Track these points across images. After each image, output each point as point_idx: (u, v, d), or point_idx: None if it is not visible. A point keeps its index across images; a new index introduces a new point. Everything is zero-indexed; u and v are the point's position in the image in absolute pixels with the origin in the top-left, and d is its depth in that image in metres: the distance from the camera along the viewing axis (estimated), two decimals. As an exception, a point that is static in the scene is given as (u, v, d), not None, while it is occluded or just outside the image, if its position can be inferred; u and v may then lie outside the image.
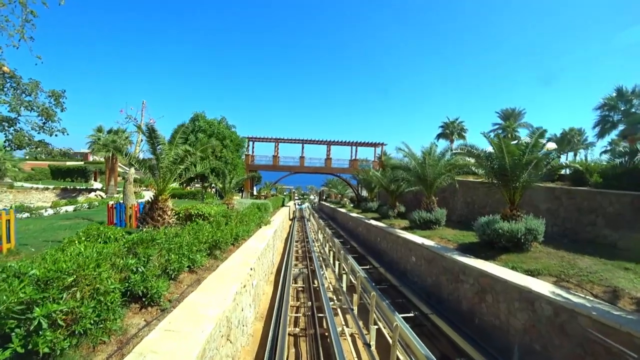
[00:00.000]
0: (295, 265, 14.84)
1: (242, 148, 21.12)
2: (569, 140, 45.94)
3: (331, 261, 14.20)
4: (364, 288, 10.09)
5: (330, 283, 12.14)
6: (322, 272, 12.73)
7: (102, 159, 41.34)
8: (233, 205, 13.92)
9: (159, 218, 7.67)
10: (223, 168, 16.09)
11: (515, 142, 15.12)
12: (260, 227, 14.10)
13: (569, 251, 9.51)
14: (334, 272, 12.95)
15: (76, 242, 5.41)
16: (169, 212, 7.93)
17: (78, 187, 43.86)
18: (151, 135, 7.86)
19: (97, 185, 48.93)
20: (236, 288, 5.89)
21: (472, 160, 15.16)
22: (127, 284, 4.16)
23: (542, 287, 6.70)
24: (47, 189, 40.22)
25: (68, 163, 58.45)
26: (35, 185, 41.92)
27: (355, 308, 8.96)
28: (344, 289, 10.38)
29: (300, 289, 11.73)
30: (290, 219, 35.68)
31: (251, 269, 7.56)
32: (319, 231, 22.59)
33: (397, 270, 13.32)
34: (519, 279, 7.22)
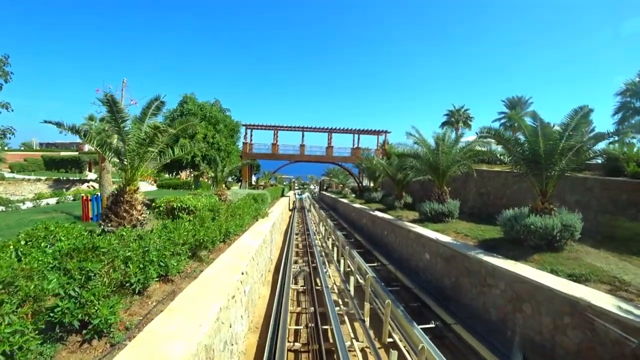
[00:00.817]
0: (296, 261, 13.61)
1: (237, 134, 19.77)
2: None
3: (335, 257, 12.96)
4: (374, 291, 8.86)
5: (335, 283, 10.92)
6: (324, 270, 11.51)
7: (93, 149, 39.84)
8: (226, 197, 12.64)
9: (124, 214, 6.30)
10: (215, 155, 14.72)
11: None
12: (257, 220, 12.83)
13: (611, 251, 8.25)
14: (338, 269, 11.72)
15: (11, 247, 4.12)
16: (138, 207, 6.58)
17: (71, 178, 42.53)
18: (112, 108, 6.46)
19: (92, 175, 47.64)
20: (221, 303, 4.62)
21: (494, 147, 13.78)
22: (50, 315, 2.86)
23: (600, 298, 5.43)
24: (39, 180, 38.90)
25: (62, 153, 57.11)
26: (27, 177, 40.61)
27: (367, 319, 7.72)
28: (351, 291, 9.13)
29: (301, 290, 10.50)
30: (290, 210, 34.46)
31: (243, 274, 6.29)
32: (321, 223, 21.35)
33: (407, 268, 12.10)
34: (565, 287, 5.95)
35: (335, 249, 14.16)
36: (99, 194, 10.81)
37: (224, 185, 13.20)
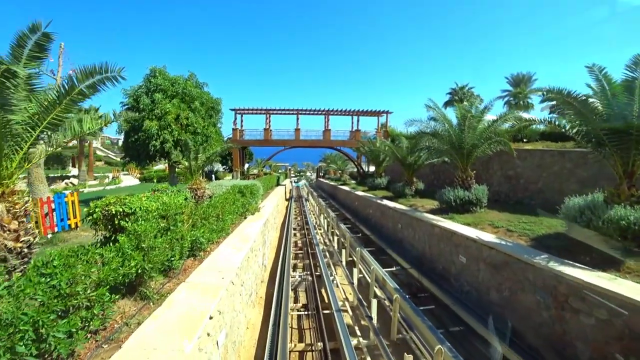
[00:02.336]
0: (295, 266, 11.29)
1: (219, 114, 16.95)
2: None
3: (342, 259, 10.62)
4: (404, 314, 6.55)
5: (346, 298, 8.60)
6: (331, 278, 9.20)
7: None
8: (203, 191, 10.20)
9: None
10: (188, 139, 12.13)
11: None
12: (246, 218, 10.42)
13: None
14: (351, 281, 9.39)
15: None
16: (13, 224, 4.08)
17: (52, 175, 39.77)
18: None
19: (75, 172, 44.81)
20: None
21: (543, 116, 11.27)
22: None
23: None
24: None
25: (43, 147, 53.87)
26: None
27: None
28: (374, 319, 6.78)
29: (302, 311, 8.15)
30: (286, 200, 32.08)
31: (212, 318, 3.90)
32: (321, 215, 18.99)
33: (433, 273, 9.82)
34: None
35: (343, 249, 11.83)
36: (67, 191, 8.49)
37: (200, 178, 10.74)
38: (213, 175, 30.86)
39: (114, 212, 5.11)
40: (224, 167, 40.59)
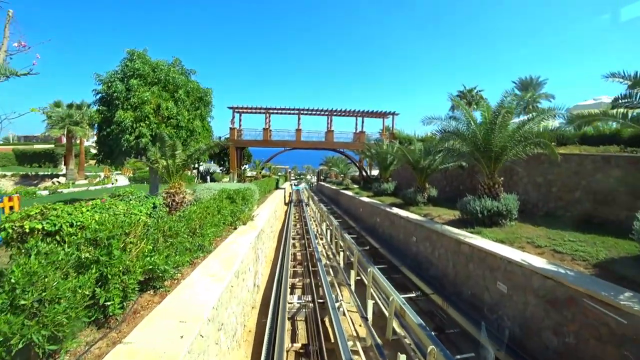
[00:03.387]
0: (293, 286, 9.60)
1: (209, 106, 14.70)
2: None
3: (351, 283, 8.92)
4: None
5: (358, 336, 6.91)
6: (336, 304, 7.51)
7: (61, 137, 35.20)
8: (183, 197, 8.57)
9: None
10: (169, 133, 10.44)
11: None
12: (236, 229, 8.75)
13: None
14: (360, 309, 7.71)
15: None
16: None
17: (41, 173, 38.23)
18: None
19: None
20: None
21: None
22: None
23: None
24: (4, 176, 34.63)
25: (35, 146, 52.40)
26: (-11, 173, 36.33)
27: None
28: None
29: (301, 354, 6.45)
30: (285, 204, 30.41)
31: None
32: (323, 223, 17.31)
33: (461, 300, 8.14)
34: None
35: (349, 264, 10.15)
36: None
37: (180, 180, 9.05)
38: (209, 177, 29.22)
39: (28, 230, 3.44)
40: (221, 168, 38.96)
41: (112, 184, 30.81)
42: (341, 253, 10.40)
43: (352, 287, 8.29)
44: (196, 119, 13.28)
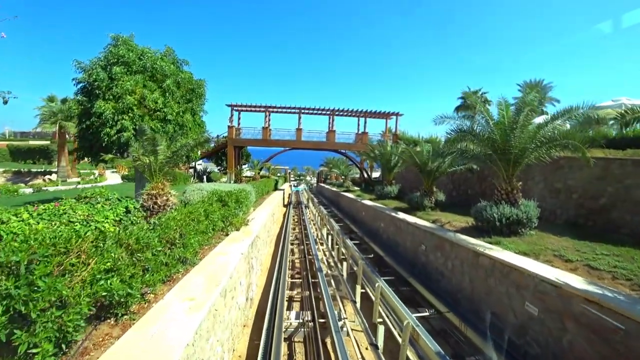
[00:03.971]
0: (290, 300, 8.68)
1: (202, 99, 13.29)
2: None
3: (356, 299, 8.00)
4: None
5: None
6: (339, 323, 6.61)
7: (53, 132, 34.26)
8: (166, 199, 7.66)
9: None
10: (150, 127, 9.45)
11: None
12: (228, 235, 7.84)
13: None
14: (368, 334, 6.80)
15: None
16: None
17: (34, 170, 37.31)
18: None
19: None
20: None
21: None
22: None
23: None
24: (-4, 172, 33.77)
25: (30, 142, 51.44)
26: (-20, 169, 35.43)
27: None
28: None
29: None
30: (284, 205, 29.51)
31: None
32: (324, 227, 16.38)
33: (479, 319, 7.21)
34: None
35: (351, 273, 9.24)
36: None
37: (163, 179, 8.09)
38: (205, 177, 28.30)
39: None
40: (219, 167, 37.98)
41: (99, 182, 29.89)
42: (344, 263, 9.47)
43: (358, 305, 7.35)
44: (187, 112, 12.09)
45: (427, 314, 7.49)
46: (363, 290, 8.90)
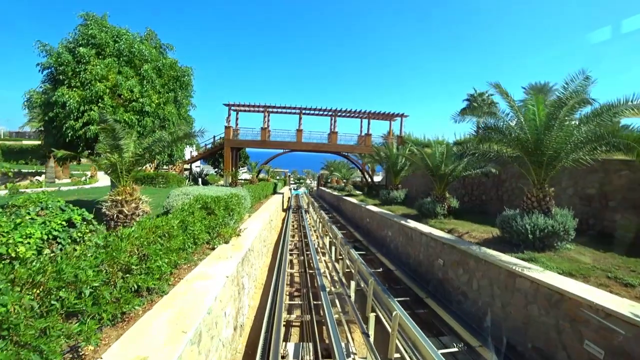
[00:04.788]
0: (289, 325, 7.37)
1: (187, 88, 11.56)
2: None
3: (369, 329, 6.69)
4: None
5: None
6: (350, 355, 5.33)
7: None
8: (136, 206, 6.41)
9: None
10: (126, 120, 8.17)
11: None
12: (215, 249, 6.58)
13: None
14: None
15: None
16: None
17: (24, 171, 36.02)
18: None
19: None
20: None
21: None
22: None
23: None
24: (-16, 172, 32.37)
25: (24, 142, 50.20)
26: (-35, 170, 34.07)
27: None
28: None
29: None
30: (283, 210, 28.23)
31: None
32: (326, 236, 15.09)
33: (518, 355, 5.93)
34: None
35: (355, 289, 7.94)
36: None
37: (132, 182, 6.81)
38: (200, 179, 27.04)
39: None
40: (216, 170, 36.72)
41: (88, 184, 28.55)
42: (351, 282, 8.16)
43: (371, 339, 6.04)
44: (169, 103, 10.40)
45: (455, 349, 6.18)
46: (374, 313, 7.62)
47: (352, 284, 7.69)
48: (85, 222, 4.76)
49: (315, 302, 8.03)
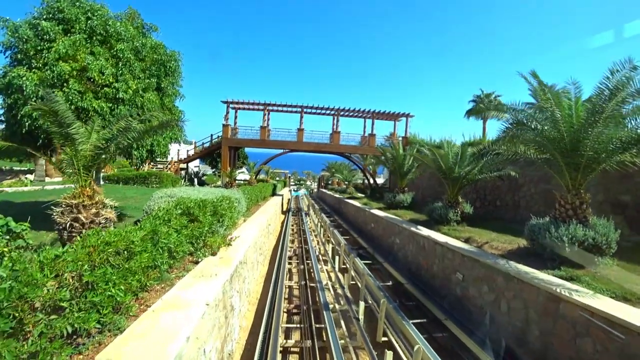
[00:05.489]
0: (286, 352, 6.28)
1: (174, 75, 10.16)
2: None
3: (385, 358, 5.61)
4: None
5: None
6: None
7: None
8: (96, 212, 5.36)
9: None
10: (96, 108, 7.07)
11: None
12: (199, 263, 5.51)
13: None
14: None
15: None
16: None
17: (16, 169, 34.99)
18: None
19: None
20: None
21: None
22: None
23: None
24: (-27, 170, 31.33)
25: (18, 138, 49.09)
26: (-47, 167, 33.00)
27: None
28: None
29: None
30: (283, 212, 27.17)
31: None
32: (328, 243, 13.99)
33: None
34: None
35: (364, 305, 6.85)
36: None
37: (93, 181, 5.72)
38: (196, 180, 25.97)
39: None
40: (213, 170, 35.63)
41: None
42: (361, 305, 7.06)
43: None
44: (149, 90, 8.99)
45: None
46: (386, 339, 6.56)
47: (361, 305, 6.58)
48: (9, 236, 3.70)
49: (317, 325, 6.93)
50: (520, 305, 6.12)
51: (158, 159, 9.73)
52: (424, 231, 10.66)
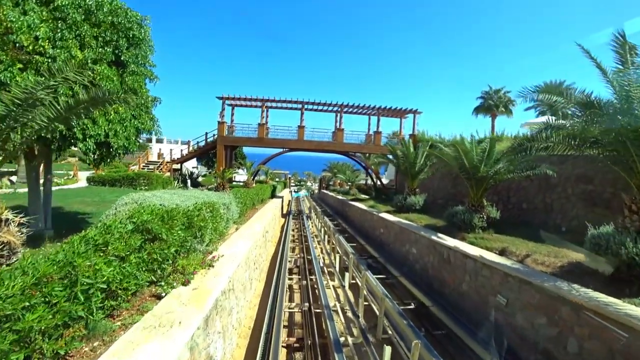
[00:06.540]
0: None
1: (141, 46, 8.19)
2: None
3: None
4: None
5: None
6: None
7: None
8: None
9: None
10: (20, 82, 5.47)
11: None
12: (161, 299, 3.94)
13: None
14: None
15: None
16: None
17: (3, 170, 33.54)
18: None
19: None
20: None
21: None
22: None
23: None
24: (-45, 172, 29.72)
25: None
26: None
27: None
28: None
29: None
30: (283, 215, 25.62)
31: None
32: (333, 252, 12.38)
33: None
34: None
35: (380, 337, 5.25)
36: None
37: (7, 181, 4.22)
38: (190, 181, 24.41)
39: None
40: (209, 170, 34.06)
41: (64, 185, 25.89)
42: (386, 350, 5.45)
43: None
44: (102, 63, 6.98)
45: None
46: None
47: (387, 350, 4.95)
48: None
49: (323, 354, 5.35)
50: (598, 346, 4.54)
51: (120, 154, 8.02)
52: (449, 241, 9.07)
